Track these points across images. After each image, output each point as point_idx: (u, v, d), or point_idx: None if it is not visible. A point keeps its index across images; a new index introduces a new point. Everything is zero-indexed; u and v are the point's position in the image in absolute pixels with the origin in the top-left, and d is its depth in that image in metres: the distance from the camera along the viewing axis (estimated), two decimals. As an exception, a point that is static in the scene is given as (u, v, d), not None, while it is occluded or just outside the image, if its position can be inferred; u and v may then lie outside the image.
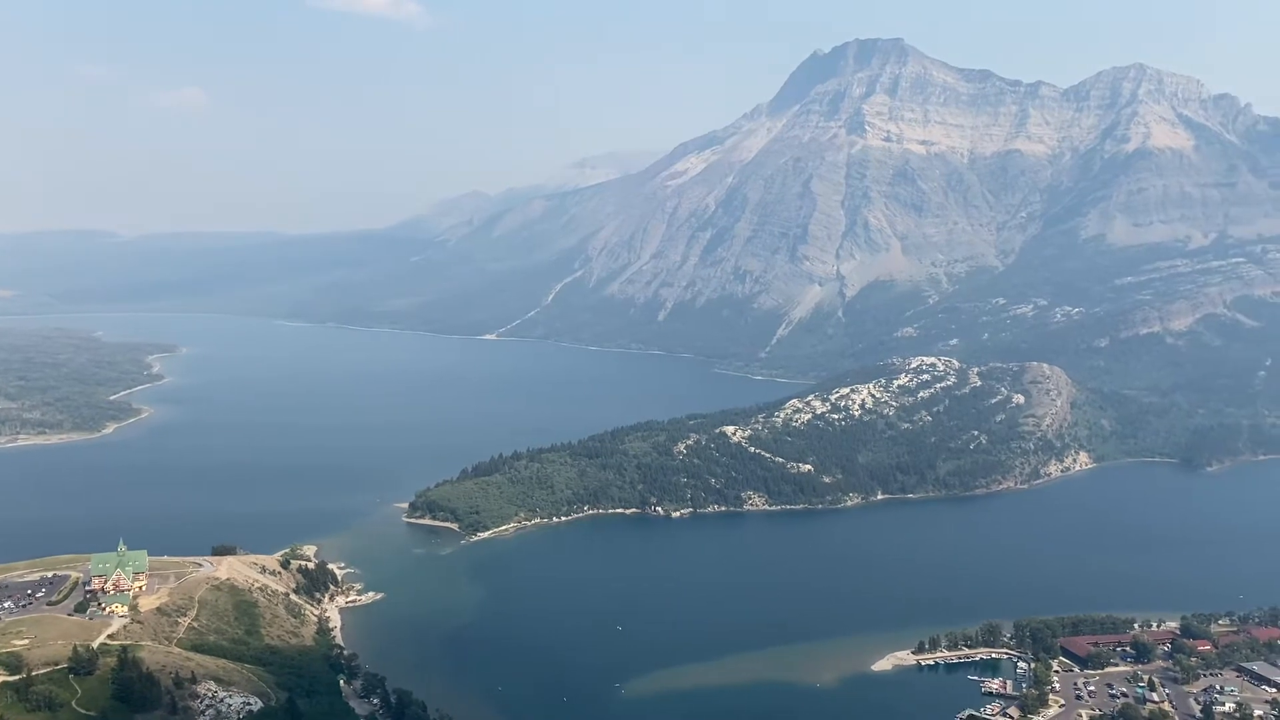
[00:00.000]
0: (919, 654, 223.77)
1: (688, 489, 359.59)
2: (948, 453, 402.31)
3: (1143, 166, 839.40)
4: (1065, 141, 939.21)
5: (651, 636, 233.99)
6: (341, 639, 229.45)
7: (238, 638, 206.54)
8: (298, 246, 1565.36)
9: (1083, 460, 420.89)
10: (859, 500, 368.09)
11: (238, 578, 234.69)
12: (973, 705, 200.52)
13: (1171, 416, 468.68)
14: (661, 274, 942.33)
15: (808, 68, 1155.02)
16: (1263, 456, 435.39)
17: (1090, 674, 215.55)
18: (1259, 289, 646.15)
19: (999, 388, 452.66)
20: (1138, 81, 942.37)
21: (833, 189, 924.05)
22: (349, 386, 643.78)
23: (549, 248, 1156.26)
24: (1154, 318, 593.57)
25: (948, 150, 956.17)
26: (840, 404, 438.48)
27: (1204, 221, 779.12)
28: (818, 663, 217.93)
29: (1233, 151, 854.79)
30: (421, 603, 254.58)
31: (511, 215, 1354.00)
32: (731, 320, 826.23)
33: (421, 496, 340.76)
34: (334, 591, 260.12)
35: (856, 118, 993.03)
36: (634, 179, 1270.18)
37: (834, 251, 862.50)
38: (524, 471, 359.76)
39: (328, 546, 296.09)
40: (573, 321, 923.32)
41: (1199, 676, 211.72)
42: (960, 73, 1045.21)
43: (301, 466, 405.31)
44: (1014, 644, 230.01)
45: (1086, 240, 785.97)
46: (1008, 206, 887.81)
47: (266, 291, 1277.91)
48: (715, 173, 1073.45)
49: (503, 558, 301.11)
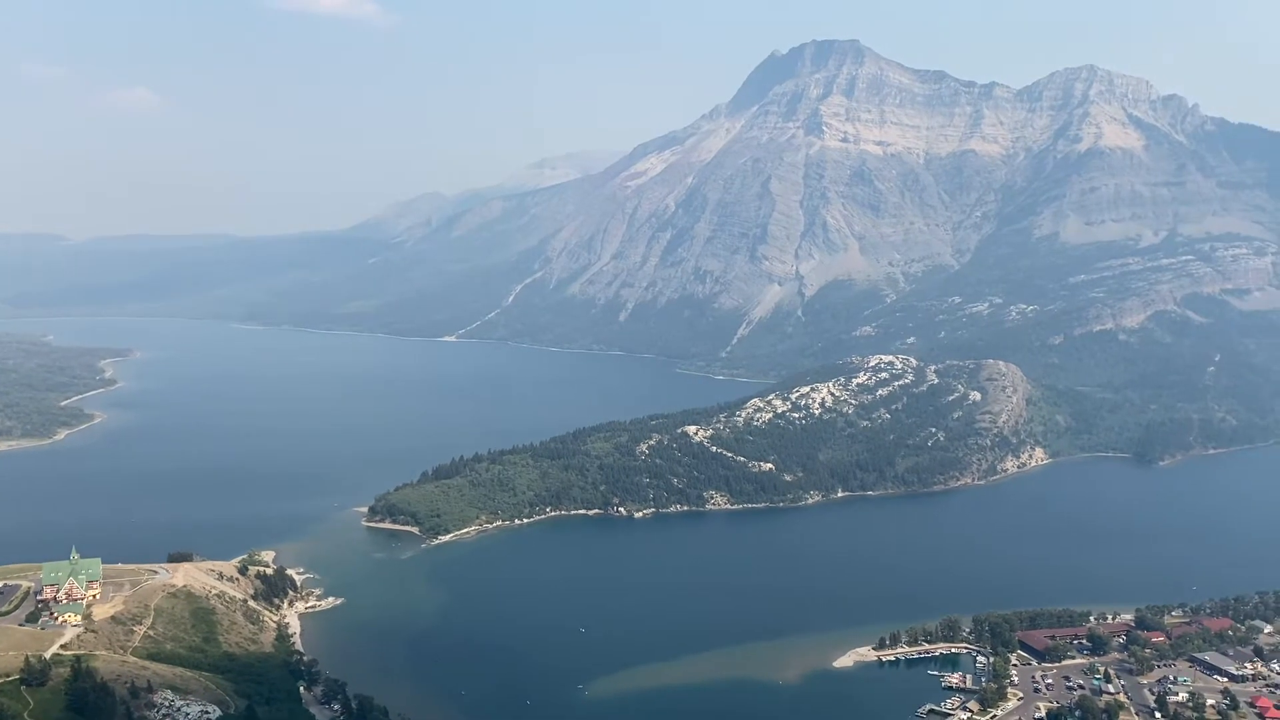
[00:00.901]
0: (880, 650, 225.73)
1: (650, 489, 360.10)
2: (906, 450, 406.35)
3: (1095, 166, 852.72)
4: (1019, 142, 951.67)
5: (614, 637, 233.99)
6: (301, 645, 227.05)
7: (195, 645, 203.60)
8: (253, 249, 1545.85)
9: (1038, 456, 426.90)
10: (819, 498, 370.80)
11: (194, 585, 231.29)
12: (933, 700, 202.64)
13: (1124, 412, 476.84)
14: (622, 274, 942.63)
15: (765, 69, 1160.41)
16: (1213, 450, 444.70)
17: (1048, 667, 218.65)
18: (1207, 286, 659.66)
19: (956, 385, 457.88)
20: (1089, 82, 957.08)
21: (791, 189, 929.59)
22: (306, 390, 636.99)
23: (509, 249, 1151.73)
24: (1107, 315, 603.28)
25: (904, 151, 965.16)
26: (800, 403, 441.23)
27: (1154, 220, 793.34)
28: (780, 660, 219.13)
29: (1181, 151, 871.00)
30: (382, 607, 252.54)
31: (470, 216, 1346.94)
32: (692, 320, 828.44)
33: (381, 500, 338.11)
34: (293, 597, 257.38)
35: (814, 118, 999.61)
36: (594, 179, 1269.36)
37: (793, 251, 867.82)
38: (485, 474, 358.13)
39: (286, 552, 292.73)
40: (533, 323, 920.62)
41: (1153, 667, 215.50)
42: (916, 74, 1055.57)
43: (259, 471, 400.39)
44: (973, 638, 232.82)
45: (1040, 239, 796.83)
46: (963, 206, 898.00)
47: (222, 294, 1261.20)
48: (675, 173, 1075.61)
49: (464, 561, 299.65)
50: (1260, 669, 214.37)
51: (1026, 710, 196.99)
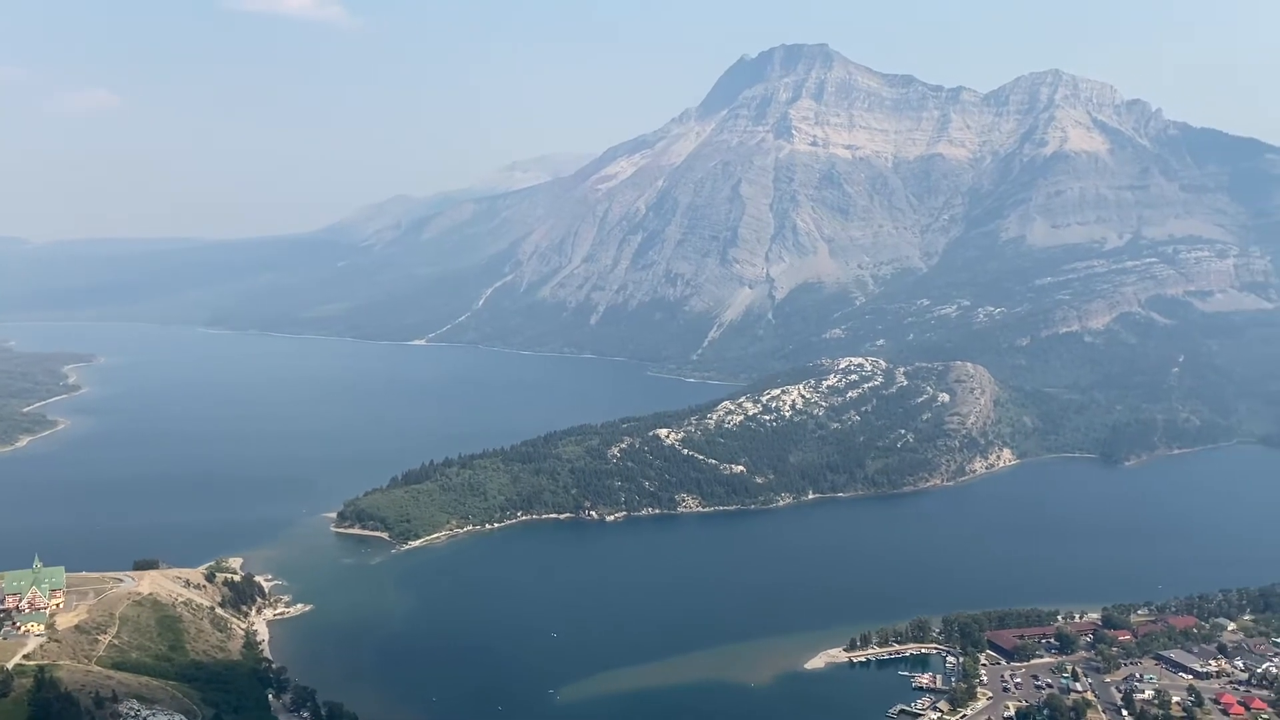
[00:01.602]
0: (851, 651, 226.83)
1: (621, 492, 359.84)
2: (876, 451, 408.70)
3: (1060, 170, 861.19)
4: (986, 145, 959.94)
5: (586, 641, 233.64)
6: (270, 652, 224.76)
7: (161, 654, 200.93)
8: (219, 252, 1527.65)
9: (1006, 457, 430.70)
10: (790, 500, 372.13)
11: (160, 592, 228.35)
12: (904, 700, 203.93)
13: (1090, 413, 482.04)
14: (593, 277, 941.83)
15: (735, 72, 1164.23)
16: (1177, 450, 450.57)
17: (1016, 666, 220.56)
18: (1171, 288, 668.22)
19: (925, 387, 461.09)
20: (1054, 87, 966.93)
21: (761, 193, 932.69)
22: (273, 395, 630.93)
23: (479, 252, 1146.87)
24: (1073, 317, 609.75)
25: (872, 154, 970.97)
26: (771, 405, 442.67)
27: (1119, 223, 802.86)
28: (752, 662, 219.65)
29: (1145, 155, 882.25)
30: (352, 613, 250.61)
31: (440, 219, 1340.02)
32: (663, 323, 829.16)
33: (350, 505, 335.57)
34: (261, 604, 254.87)
35: (783, 122, 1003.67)
36: (564, 182, 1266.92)
37: (763, 254, 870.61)
38: (455, 478, 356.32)
39: (254, 558, 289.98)
40: (504, 326, 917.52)
41: (1120, 665, 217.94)
42: (884, 78, 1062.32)
43: (226, 477, 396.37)
44: (943, 639, 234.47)
45: (1007, 242, 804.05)
46: (931, 209, 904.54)
47: (187, 299, 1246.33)
48: (645, 176, 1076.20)
49: (435, 566, 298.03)
50: (1224, 666, 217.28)
51: (996, 709, 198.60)
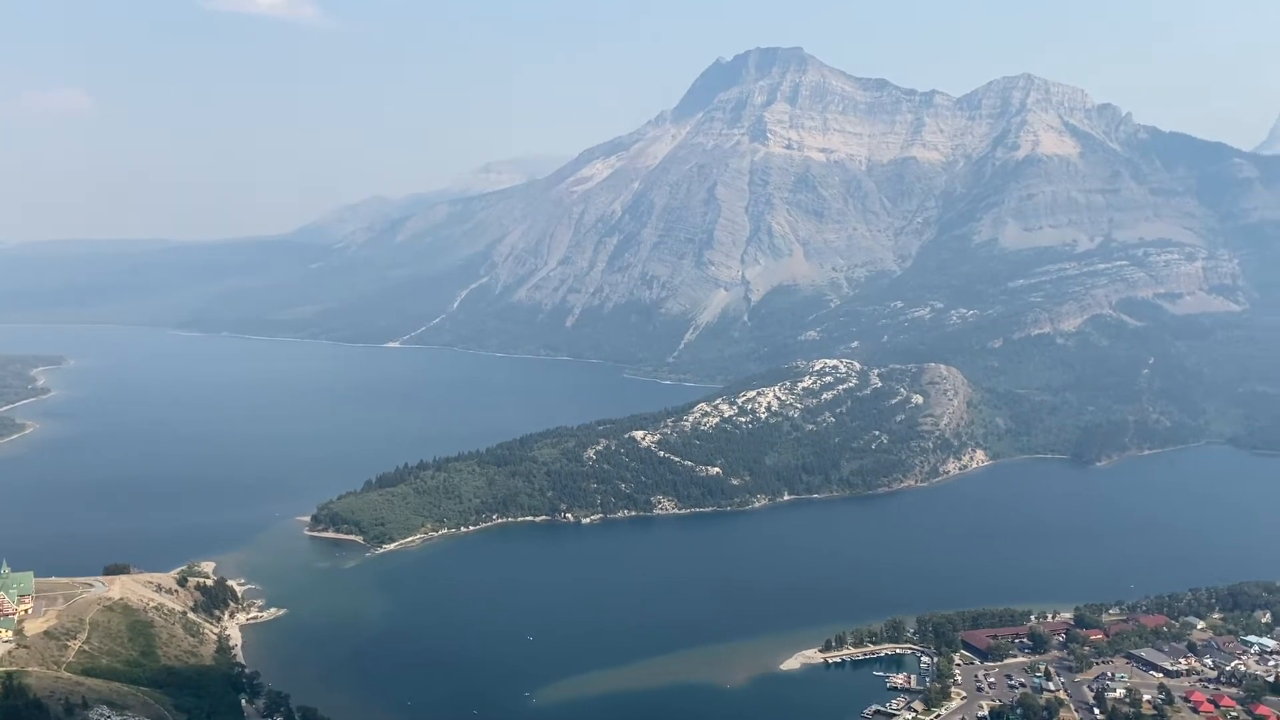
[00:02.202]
0: (826, 652, 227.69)
1: (598, 495, 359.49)
2: (851, 453, 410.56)
3: (1032, 173, 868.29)
4: (959, 149, 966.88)
5: (562, 644, 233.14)
6: (243, 657, 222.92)
7: (132, 659, 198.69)
8: (191, 254, 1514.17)
9: (979, 458, 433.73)
10: (766, 501, 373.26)
11: (131, 597, 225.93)
12: (879, 700, 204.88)
13: (1062, 414, 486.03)
14: (569, 280, 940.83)
15: (710, 75, 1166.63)
16: (1148, 451, 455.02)
17: (990, 666, 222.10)
18: (1141, 290, 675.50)
19: (899, 388, 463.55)
20: (1026, 91, 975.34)
21: (737, 195, 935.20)
22: (246, 397, 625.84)
23: (454, 254, 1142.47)
24: (1044, 319, 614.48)
25: (846, 158, 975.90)
26: (747, 407, 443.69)
27: (1090, 226, 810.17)
28: (728, 664, 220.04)
29: (1116, 159, 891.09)
30: (326, 617, 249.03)
31: (414, 221, 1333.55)
32: (639, 325, 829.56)
33: (324, 509, 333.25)
34: (234, 608, 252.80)
35: (758, 125, 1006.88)
36: (540, 184, 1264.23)
37: (739, 257, 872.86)
38: (430, 481, 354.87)
39: (226, 562, 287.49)
40: (479, 328, 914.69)
41: (1092, 665, 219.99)
42: (858, 82, 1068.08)
43: (197, 481, 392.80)
44: (917, 639, 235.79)
45: (980, 244, 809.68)
46: (904, 212, 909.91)
47: (158, 301, 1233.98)
48: (621, 179, 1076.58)
49: (409, 569, 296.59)
50: (1194, 664, 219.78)
51: (970, 709, 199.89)
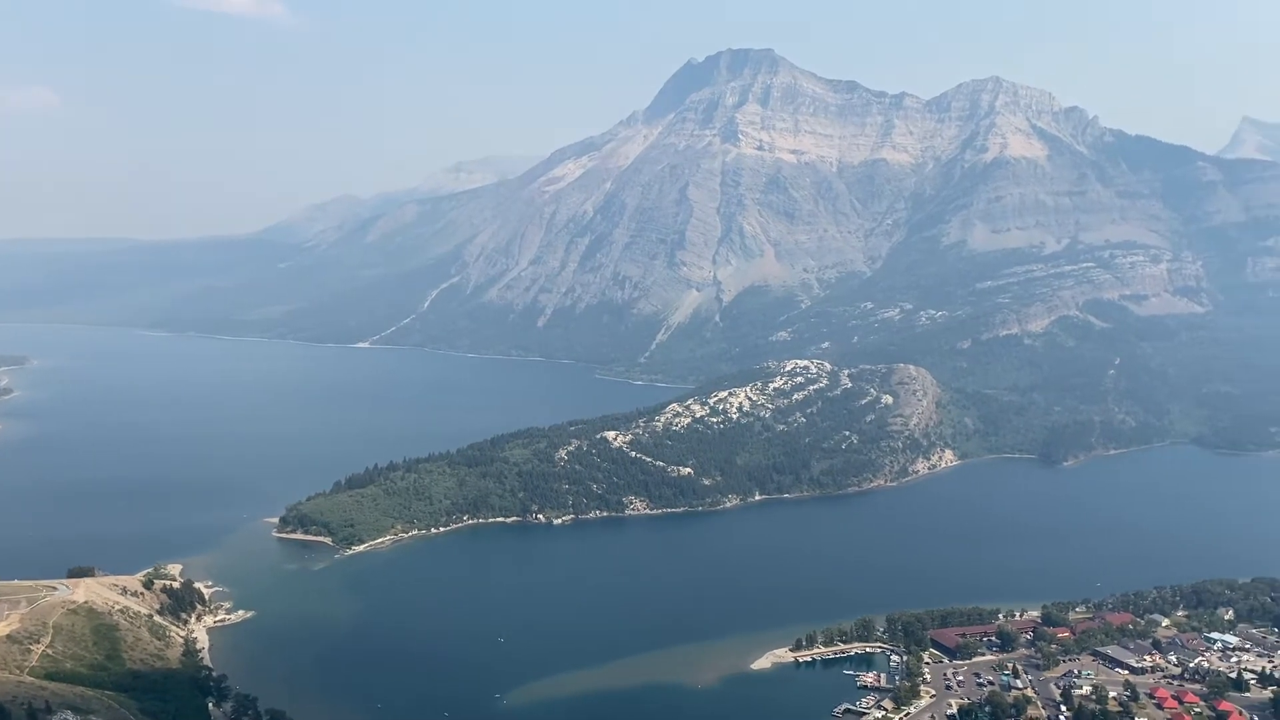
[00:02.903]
0: (797, 651, 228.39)
1: (569, 495, 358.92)
2: (821, 453, 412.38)
3: (1000, 175, 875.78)
4: (928, 151, 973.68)
5: (533, 646, 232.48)
6: (210, 660, 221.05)
7: (97, 663, 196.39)
8: (158, 253, 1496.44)
9: (948, 458, 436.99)
10: (737, 501, 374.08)
11: (96, 600, 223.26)
12: (849, 699, 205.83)
13: (1030, 414, 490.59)
14: (540, 280, 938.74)
15: (682, 76, 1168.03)
16: (1114, 451, 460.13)
17: (959, 664, 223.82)
18: (1107, 292, 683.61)
19: (868, 389, 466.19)
20: (995, 94, 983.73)
21: (708, 196, 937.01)
22: (214, 398, 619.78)
23: (424, 253, 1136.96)
24: (1012, 320, 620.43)
25: (817, 159, 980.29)
26: (718, 407, 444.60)
27: (1057, 228, 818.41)
28: (699, 664, 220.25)
29: (1083, 161, 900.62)
30: (294, 620, 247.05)
31: (384, 220, 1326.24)
32: (611, 326, 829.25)
33: (293, 510, 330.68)
34: (201, 611, 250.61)
35: (730, 126, 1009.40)
36: (511, 184, 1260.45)
37: (710, 257, 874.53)
38: (400, 482, 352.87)
39: (194, 565, 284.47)
40: (449, 328, 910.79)
41: (1059, 662, 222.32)
42: (829, 83, 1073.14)
43: (165, 482, 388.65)
44: (887, 638, 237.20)
45: (949, 246, 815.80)
46: (874, 214, 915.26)
47: (125, 300, 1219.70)
48: (593, 179, 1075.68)
49: (379, 571, 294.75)
50: (1158, 661, 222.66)
51: (939, 707, 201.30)
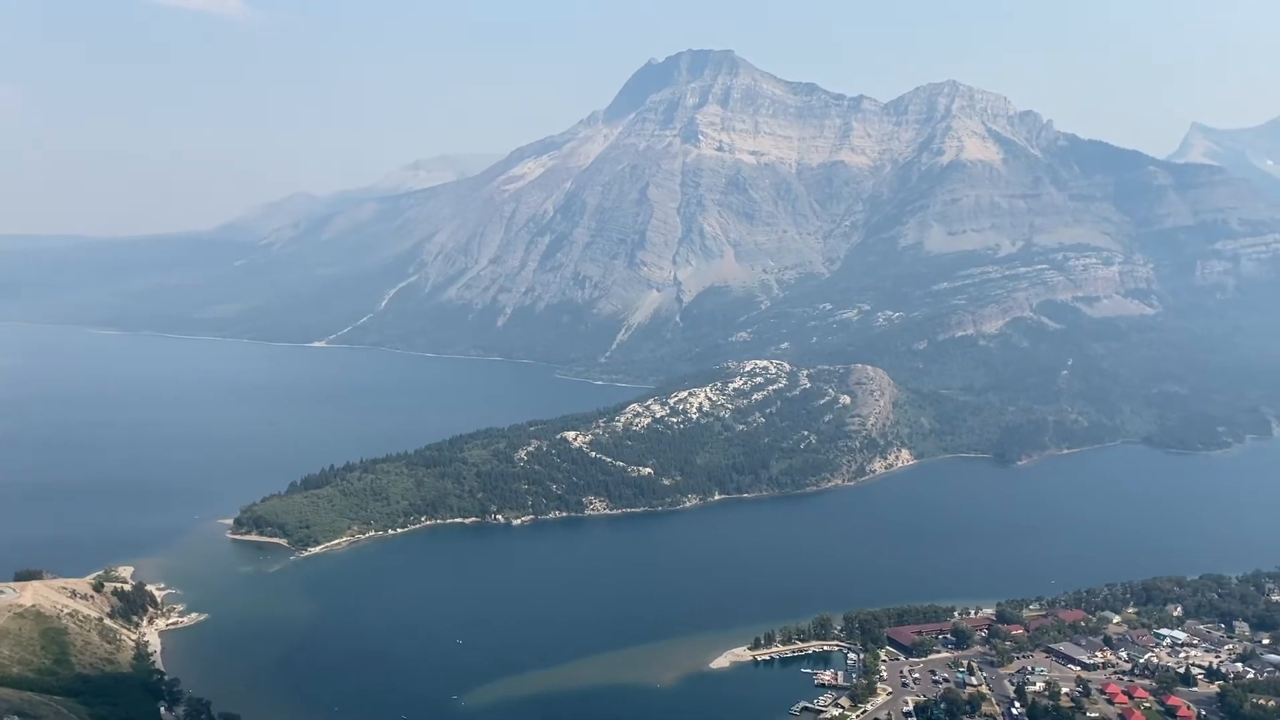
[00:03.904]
0: (755, 650, 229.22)
1: (529, 496, 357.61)
2: (780, 452, 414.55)
3: (956, 178, 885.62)
4: (886, 154, 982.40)
5: (492, 647, 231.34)
6: (162, 663, 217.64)
7: (45, 668, 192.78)
8: (109, 250, 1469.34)
9: (905, 457, 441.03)
10: (697, 501, 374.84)
11: (44, 604, 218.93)
12: (807, 697, 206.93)
13: (985, 414, 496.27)
14: (500, 279, 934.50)
15: (642, 76, 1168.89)
16: (1066, 450, 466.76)
17: (915, 662, 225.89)
18: (1060, 294, 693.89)
19: (827, 389, 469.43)
20: (951, 97, 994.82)
21: (669, 196, 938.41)
22: (165, 397, 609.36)
23: (382, 252, 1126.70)
24: (968, 321, 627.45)
25: (777, 161, 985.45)
26: (679, 407, 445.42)
27: (1011, 230, 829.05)
28: (658, 663, 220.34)
29: (1037, 165, 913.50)
30: (249, 622, 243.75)
31: (341, 218, 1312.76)
32: (571, 325, 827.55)
33: (247, 511, 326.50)
34: (153, 614, 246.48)
35: (690, 127, 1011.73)
36: (470, 183, 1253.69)
37: (671, 258, 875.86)
38: (357, 483, 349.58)
39: (145, 567, 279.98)
40: (407, 328, 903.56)
41: (1013, 659, 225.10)
42: (788, 85, 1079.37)
43: (115, 483, 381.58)
44: (844, 636, 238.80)
45: (906, 248, 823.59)
46: (833, 216, 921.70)
47: (74, 298, 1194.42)
48: (553, 178, 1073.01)
49: (336, 573, 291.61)
50: (1109, 657, 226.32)
51: (895, 705, 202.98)
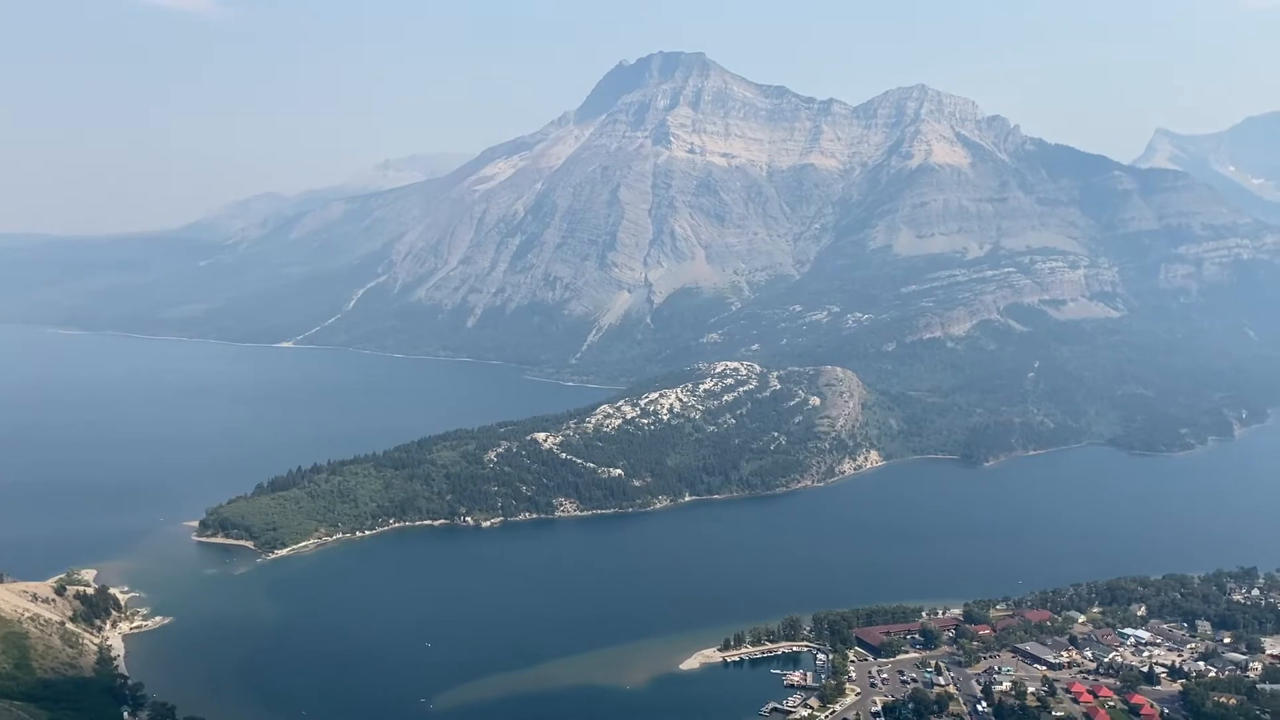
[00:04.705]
0: (725, 651, 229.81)
1: (498, 497, 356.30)
2: (750, 454, 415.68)
3: (925, 182, 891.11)
4: (855, 157, 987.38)
5: (461, 649, 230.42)
6: (125, 668, 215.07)
7: (5, 672, 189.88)
8: (72, 249, 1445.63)
9: (873, 458, 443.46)
10: (668, 502, 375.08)
11: (4, 607, 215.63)
12: (776, 698, 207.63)
13: (952, 416, 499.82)
14: (470, 280, 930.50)
15: (613, 77, 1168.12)
16: (1033, 451, 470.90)
17: (883, 662, 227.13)
18: (1027, 297, 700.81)
19: (797, 390, 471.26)
20: (920, 101, 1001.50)
21: (640, 198, 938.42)
22: (130, 398, 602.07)
23: (350, 252, 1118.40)
24: (936, 324, 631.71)
25: (747, 163, 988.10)
26: (649, 408, 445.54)
27: (979, 234, 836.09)
28: (628, 665, 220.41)
29: (1004, 169, 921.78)
30: (215, 625, 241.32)
31: (310, 218, 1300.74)
32: (542, 326, 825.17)
33: (213, 514, 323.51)
34: (117, 617, 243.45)
35: (661, 129, 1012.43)
36: (440, 183, 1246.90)
37: (642, 259, 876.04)
38: (325, 485, 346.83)
39: (109, 570, 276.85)
40: (376, 328, 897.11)
41: (980, 659, 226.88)
42: (759, 88, 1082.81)
43: (78, 485, 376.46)
44: (813, 636, 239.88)
45: (875, 250, 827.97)
46: (803, 218, 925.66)
47: (37, 297, 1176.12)
48: (524, 179, 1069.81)
49: (303, 575, 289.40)
50: (1075, 656, 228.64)
51: (864, 705, 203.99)
